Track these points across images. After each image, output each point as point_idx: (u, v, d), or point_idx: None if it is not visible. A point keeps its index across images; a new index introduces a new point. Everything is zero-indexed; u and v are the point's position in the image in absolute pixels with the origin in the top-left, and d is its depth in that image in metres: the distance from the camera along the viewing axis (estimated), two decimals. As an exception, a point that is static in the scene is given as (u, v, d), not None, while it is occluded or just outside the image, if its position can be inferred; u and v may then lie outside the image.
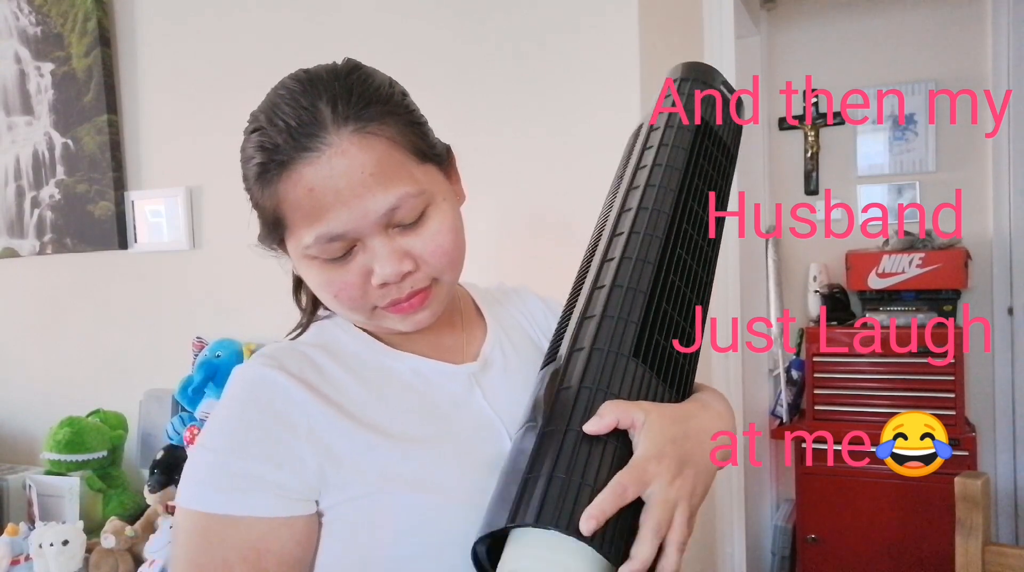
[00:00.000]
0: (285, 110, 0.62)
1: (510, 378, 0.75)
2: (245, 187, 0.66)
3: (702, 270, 0.72)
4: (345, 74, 0.64)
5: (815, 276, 2.75)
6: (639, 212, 0.71)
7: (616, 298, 0.65)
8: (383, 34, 1.52)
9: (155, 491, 1.52)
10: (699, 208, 0.74)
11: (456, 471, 0.64)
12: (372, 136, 0.61)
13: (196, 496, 0.61)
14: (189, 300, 1.77)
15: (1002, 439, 2.61)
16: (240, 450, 0.61)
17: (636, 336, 0.63)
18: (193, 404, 1.61)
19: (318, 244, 0.62)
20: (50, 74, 1.89)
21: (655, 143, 0.78)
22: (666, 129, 0.78)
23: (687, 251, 0.70)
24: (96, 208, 1.85)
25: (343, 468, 0.63)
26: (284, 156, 0.61)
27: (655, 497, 0.54)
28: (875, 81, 2.73)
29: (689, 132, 0.78)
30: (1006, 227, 2.58)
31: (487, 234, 1.37)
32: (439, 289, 0.68)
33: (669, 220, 0.70)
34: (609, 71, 1.35)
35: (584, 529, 0.50)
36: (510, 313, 0.85)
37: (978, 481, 1.15)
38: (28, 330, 2.02)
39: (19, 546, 1.46)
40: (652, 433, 0.57)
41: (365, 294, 0.65)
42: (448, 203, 0.67)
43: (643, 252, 0.68)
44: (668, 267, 0.68)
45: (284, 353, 0.69)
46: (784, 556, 2.72)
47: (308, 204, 0.61)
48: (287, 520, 0.61)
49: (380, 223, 0.62)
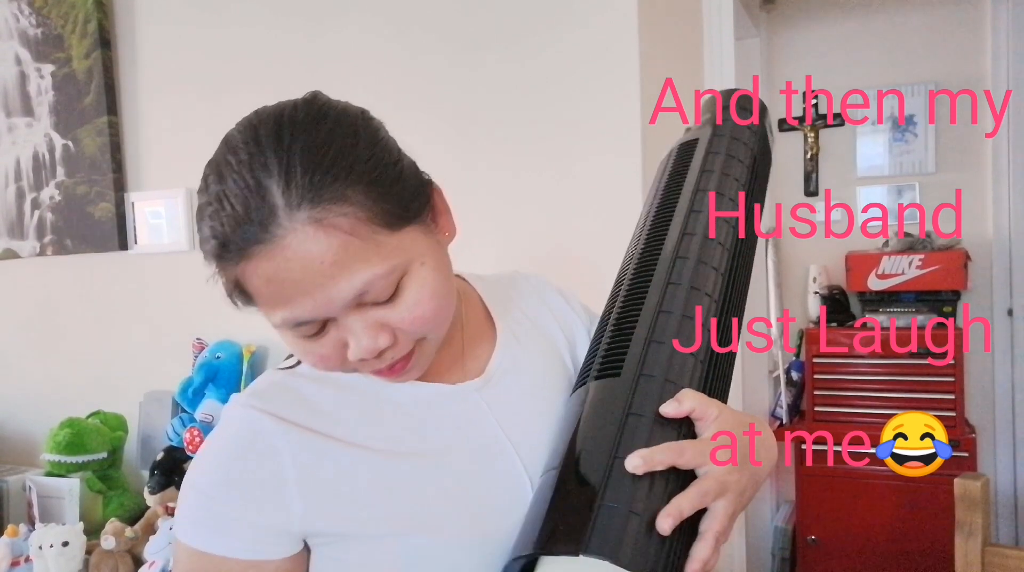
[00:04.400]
0: (233, 190, 0.55)
1: (524, 387, 0.72)
2: (204, 259, 0.60)
3: (743, 305, 0.74)
4: (302, 130, 0.56)
5: (815, 277, 2.75)
6: (704, 241, 0.71)
7: (687, 329, 0.65)
8: (381, 38, 1.52)
9: (155, 492, 1.52)
10: (750, 250, 0.76)
11: (452, 507, 0.63)
12: (330, 226, 0.54)
13: (187, 532, 0.63)
14: (189, 301, 1.76)
15: (1002, 440, 2.61)
16: (225, 493, 0.62)
17: (702, 375, 0.63)
18: (193, 405, 1.61)
19: (286, 325, 0.59)
20: (50, 76, 1.89)
21: (716, 169, 0.78)
22: (727, 157, 0.79)
23: (738, 290, 0.72)
24: (96, 209, 1.85)
25: (333, 508, 0.62)
26: (235, 251, 0.55)
27: (711, 476, 0.55)
28: (875, 81, 2.73)
29: (746, 167, 0.78)
30: (1006, 228, 2.58)
31: (486, 256, 1.37)
32: (425, 348, 0.64)
33: (730, 255, 0.72)
34: (609, 71, 1.35)
35: (663, 527, 0.51)
36: (524, 307, 0.80)
37: (978, 482, 1.15)
38: (28, 331, 2.02)
39: (19, 547, 1.46)
40: (724, 425, 0.58)
41: (343, 364, 0.62)
42: (428, 266, 0.61)
43: (711, 286, 0.68)
44: (728, 304, 0.69)
45: (273, 391, 0.67)
46: (784, 557, 2.72)
47: (268, 292, 0.57)
48: (266, 562, 0.62)
49: (349, 306, 0.57)
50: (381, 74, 1.52)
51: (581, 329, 0.80)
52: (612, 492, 0.52)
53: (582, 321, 0.81)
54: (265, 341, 1.64)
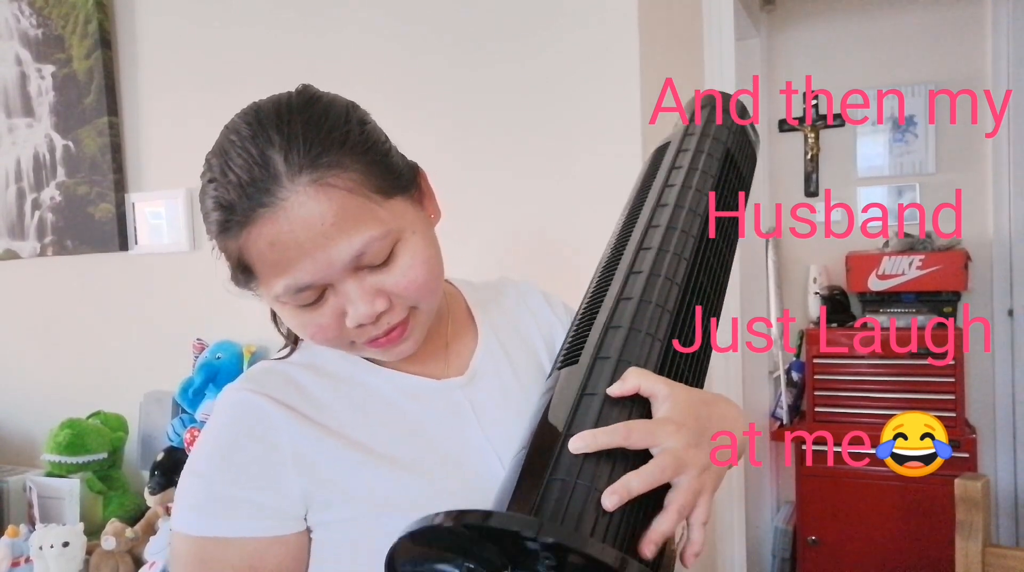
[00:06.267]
0: (237, 162, 0.59)
1: (504, 388, 0.74)
2: (208, 237, 0.64)
3: (716, 297, 0.73)
4: (298, 110, 0.61)
5: (815, 278, 2.75)
6: (667, 230, 0.71)
7: (644, 312, 0.65)
8: (381, 38, 1.53)
9: (155, 493, 1.52)
10: (723, 243, 0.75)
11: (436, 492, 0.64)
12: (329, 186, 0.59)
13: (188, 521, 0.63)
14: (189, 302, 1.77)
15: (1002, 440, 2.61)
16: (225, 474, 0.63)
17: (661, 355, 0.63)
18: (193, 406, 1.61)
19: (287, 293, 0.61)
20: (51, 76, 1.89)
21: (684, 165, 0.79)
22: (696, 153, 0.80)
23: (708, 278, 0.71)
24: (97, 210, 1.85)
25: (326, 490, 0.63)
26: (240, 215, 0.59)
27: (667, 453, 0.54)
28: (875, 82, 2.73)
29: (717, 160, 0.79)
30: (1006, 228, 2.58)
31: (486, 256, 1.37)
32: (418, 317, 0.67)
33: (696, 243, 0.71)
34: (609, 71, 1.35)
35: (607, 504, 0.50)
36: (507, 312, 0.83)
37: (978, 483, 1.15)
38: (29, 332, 2.02)
39: (19, 548, 1.46)
40: (676, 404, 0.57)
41: (341, 334, 0.65)
42: (419, 234, 0.65)
43: (671, 271, 0.68)
44: (692, 289, 0.69)
45: (267, 376, 0.69)
46: (784, 558, 2.72)
47: (272, 257, 0.60)
48: (279, 538, 0.63)
49: (348, 269, 0.61)
50: (381, 74, 1.52)
51: (560, 330, 0.82)
52: (562, 469, 0.53)
53: (562, 322, 0.83)
54: (265, 341, 1.64)
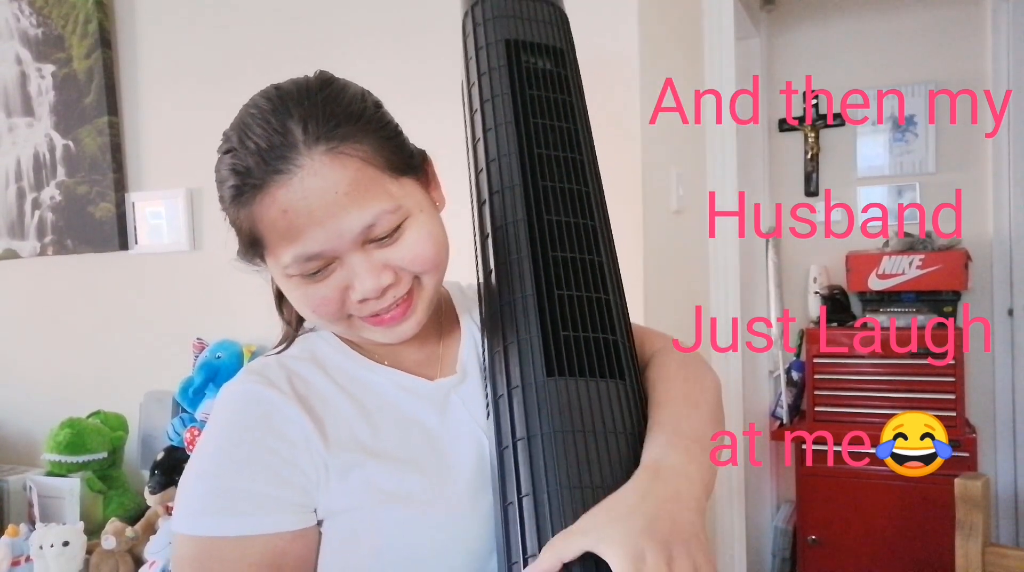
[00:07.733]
0: (256, 131, 0.61)
1: (480, 388, 0.74)
2: (221, 207, 0.65)
3: (594, 244, 0.71)
4: (316, 89, 0.63)
5: (815, 277, 2.75)
6: (489, 170, 0.71)
7: (508, 316, 0.64)
8: (381, 39, 1.53)
9: (155, 492, 1.52)
10: (559, 174, 0.75)
11: (438, 486, 0.64)
12: (344, 155, 0.61)
13: (190, 521, 0.60)
14: (189, 301, 1.77)
15: (1002, 440, 2.61)
16: (231, 466, 0.61)
17: (544, 356, 0.62)
18: (194, 405, 1.61)
19: (296, 263, 0.62)
20: (51, 76, 1.89)
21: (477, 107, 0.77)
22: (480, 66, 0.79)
23: (557, 212, 0.70)
24: (97, 210, 1.85)
25: (331, 481, 0.63)
26: (257, 179, 0.60)
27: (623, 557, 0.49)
28: (875, 82, 2.73)
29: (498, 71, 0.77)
30: (1006, 228, 2.58)
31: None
32: (422, 293, 0.67)
33: (523, 183, 0.70)
34: (609, 71, 1.35)
35: None
36: None
37: (978, 482, 1.15)
38: (29, 331, 2.02)
39: (19, 547, 1.46)
40: (615, 543, 0.50)
41: (343, 307, 0.65)
42: (426, 214, 0.66)
43: (515, 246, 0.68)
44: (545, 240, 0.68)
45: (270, 368, 0.69)
46: (784, 557, 2.72)
47: (283, 225, 0.61)
48: (300, 532, 0.62)
49: (357, 241, 0.62)
50: (381, 74, 1.52)
51: None
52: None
53: None
54: (265, 341, 1.64)
